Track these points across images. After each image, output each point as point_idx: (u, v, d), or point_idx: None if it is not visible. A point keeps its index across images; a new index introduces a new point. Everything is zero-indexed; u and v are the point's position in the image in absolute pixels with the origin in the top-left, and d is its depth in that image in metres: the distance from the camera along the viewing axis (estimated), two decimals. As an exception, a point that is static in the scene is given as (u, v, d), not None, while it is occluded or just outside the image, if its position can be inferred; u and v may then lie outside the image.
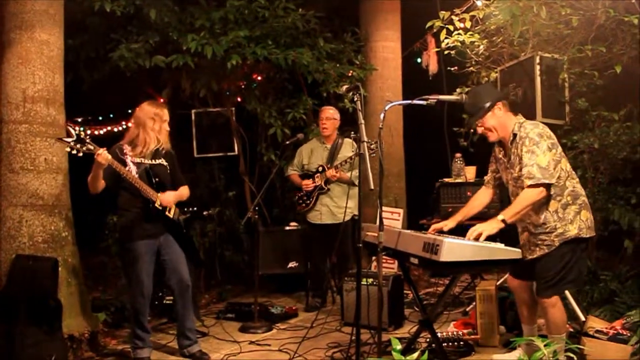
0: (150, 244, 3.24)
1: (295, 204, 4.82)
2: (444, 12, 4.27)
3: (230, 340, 3.79)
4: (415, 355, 1.78)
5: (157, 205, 3.22)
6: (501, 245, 2.52)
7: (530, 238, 2.90)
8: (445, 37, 4.34)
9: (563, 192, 2.81)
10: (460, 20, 4.26)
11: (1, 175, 3.47)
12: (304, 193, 4.70)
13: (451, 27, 4.30)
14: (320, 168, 4.63)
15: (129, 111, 3.36)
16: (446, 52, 4.45)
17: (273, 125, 5.38)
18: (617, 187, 3.79)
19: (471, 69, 4.51)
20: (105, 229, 4.68)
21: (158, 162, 3.34)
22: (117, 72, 4.84)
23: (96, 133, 6.96)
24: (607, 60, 3.74)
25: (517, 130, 2.86)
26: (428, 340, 3.35)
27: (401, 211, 5.53)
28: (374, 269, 4.96)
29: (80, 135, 2.92)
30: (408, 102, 2.86)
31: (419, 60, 5.69)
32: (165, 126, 3.33)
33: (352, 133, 4.38)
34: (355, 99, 2.73)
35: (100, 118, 7.31)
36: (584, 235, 2.80)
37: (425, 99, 2.79)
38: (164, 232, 3.30)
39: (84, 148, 2.92)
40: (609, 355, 2.93)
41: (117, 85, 5.31)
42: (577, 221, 2.80)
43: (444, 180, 4.67)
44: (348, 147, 4.63)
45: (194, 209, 3.52)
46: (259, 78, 5.62)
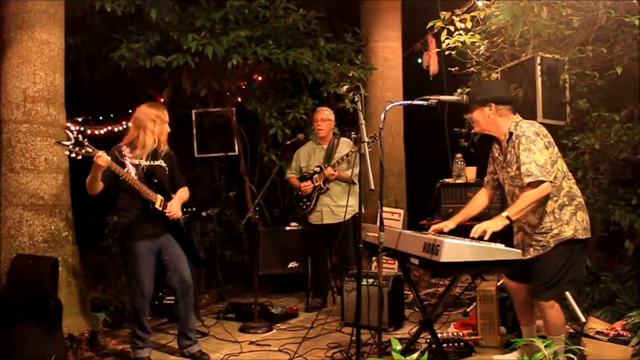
0: (150, 244, 3.24)
1: (296, 207, 4.81)
2: (444, 13, 4.27)
3: (230, 341, 3.79)
4: (415, 355, 1.78)
5: (157, 206, 3.23)
6: (501, 246, 2.52)
7: (525, 238, 2.90)
8: (446, 38, 4.34)
9: (559, 193, 2.81)
10: (461, 21, 4.26)
11: (1, 175, 3.47)
12: (303, 195, 4.70)
13: (452, 28, 4.29)
14: (318, 168, 4.63)
15: (130, 111, 3.35)
16: (447, 53, 4.44)
17: (273, 125, 5.37)
18: (617, 188, 3.79)
19: (472, 69, 4.50)
20: (106, 228, 4.68)
21: (157, 163, 3.34)
22: (117, 72, 4.83)
23: (96, 133, 6.95)
24: (608, 61, 3.74)
25: (513, 129, 2.87)
26: (428, 340, 3.35)
27: (401, 211, 5.53)
28: (374, 269, 4.95)
29: (78, 138, 2.91)
30: (409, 102, 2.86)
31: (419, 60, 5.70)
32: (166, 128, 3.33)
33: (352, 133, 4.42)
34: (356, 99, 2.73)
35: (101, 118, 7.29)
36: (579, 237, 2.80)
37: (426, 99, 2.80)
38: (164, 232, 3.30)
39: (83, 151, 2.92)
40: (609, 356, 2.92)
41: (117, 85, 5.30)
42: (573, 222, 2.79)
43: (445, 181, 4.66)
44: (344, 146, 4.63)
45: (193, 209, 3.51)
46: (259, 78, 5.61)
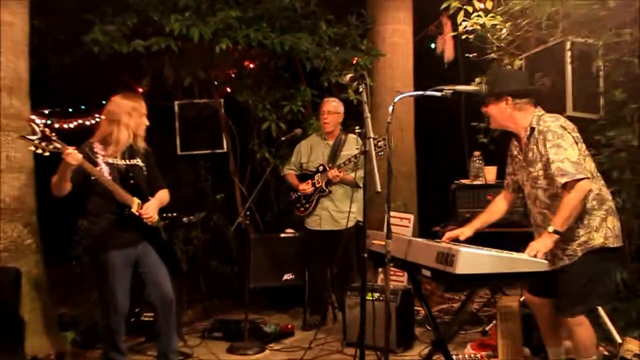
0: (125, 254, 3.22)
1: (293, 207, 4.80)
2: (461, -9, 4.27)
3: (217, 363, 3.78)
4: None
5: (133, 210, 3.21)
6: (525, 256, 2.51)
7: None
8: (463, 20, 4.34)
9: (588, 195, 2.79)
10: (480, 1, 4.25)
11: (-44, 174, 3.46)
12: (302, 195, 4.68)
13: (470, 8, 4.29)
14: (321, 167, 4.62)
15: (103, 102, 3.34)
16: (464, 37, 4.44)
17: (267, 119, 5.37)
18: (659, 191, 3.77)
19: (492, 55, 4.50)
20: (76, 234, 4.67)
21: (133, 162, 3.33)
22: (90, 57, 4.82)
23: (65, 126, 6.94)
24: (648, 46, 3.73)
25: (535, 123, 2.86)
26: (442, 364, 3.32)
27: (411, 217, 5.52)
28: (380, 282, 4.94)
29: (44, 132, 2.90)
30: (420, 93, 2.86)
31: (433, 45, 5.69)
32: (144, 121, 3.31)
33: (356, 128, 4.41)
34: (361, 89, 2.73)
35: (70, 110, 7.28)
36: (610, 245, 2.79)
37: (440, 89, 2.79)
38: (141, 240, 3.29)
39: (51, 147, 2.90)
40: (648, 382, 2.92)
41: (89, 73, 5.28)
42: (603, 229, 2.78)
43: (461, 182, 4.66)
44: (352, 144, 4.62)
45: (174, 214, 3.50)
46: (251, 65, 5.61)
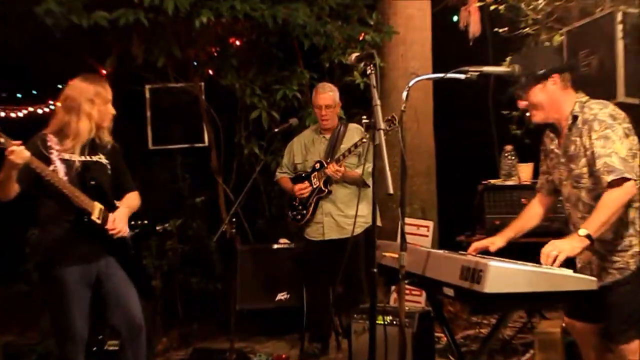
0: (84, 270, 3.19)
1: (289, 219, 4.77)
2: (490, -47, 4.26)
3: (196, 401, 3.78)
4: None
5: (94, 218, 3.19)
6: (569, 272, 2.49)
7: (595, 259, 2.88)
8: (492, -13, 4.32)
9: (634, 199, 2.78)
10: (512, -37, 4.24)
11: None
12: (297, 202, 4.65)
13: (500, -27, 4.27)
14: (318, 165, 4.58)
15: (59, 87, 3.32)
16: (492, 8, 4.42)
17: (257, 106, 5.37)
18: None
19: (527, 30, 4.49)
20: (26, 247, 4.66)
21: (95, 159, 3.31)
22: (42, 33, 4.80)
23: (13, 115, 6.92)
24: None
25: (579, 111, 2.84)
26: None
27: (431, 224, 5.50)
28: (393, 302, 4.92)
29: None
30: (440, 75, 2.84)
31: (455, 18, 5.66)
32: (108, 110, 3.30)
33: (363, 118, 4.38)
34: (369, 71, 2.70)
35: (19, 95, 7.28)
36: (670, 256, 2.79)
37: (464, 71, 2.77)
38: (103, 254, 3.27)
39: None
40: None
41: (42, 52, 5.27)
42: None
43: (490, 182, 4.66)
44: (353, 135, 4.58)
45: (145, 222, 3.48)
46: (237, 43, 5.60)
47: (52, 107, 6.36)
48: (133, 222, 3.43)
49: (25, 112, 6.99)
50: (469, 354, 3.97)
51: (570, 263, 2.75)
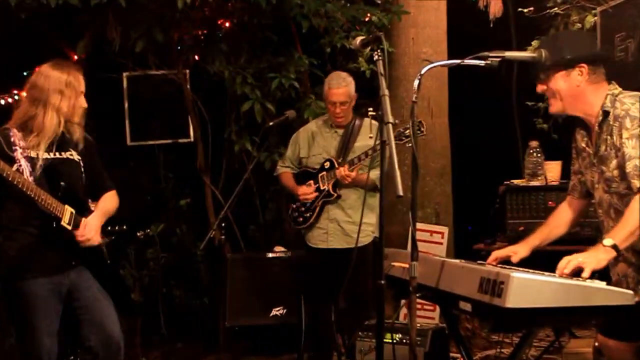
0: (53, 282, 3.19)
1: (289, 221, 4.76)
2: None
3: None
4: None
5: (63, 223, 3.19)
6: (602, 284, 2.49)
7: (630, 272, 2.87)
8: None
9: None
10: None
11: None
12: (300, 203, 4.65)
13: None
14: (327, 164, 4.57)
15: (25, 74, 3.32)
16: (516, -15, 4.42)
17: (249, 97, 5.35)
18: None
19: (555, 10, 4.49)
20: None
21: (66, 155, 3.31)
22: (4, 13, 4.80)
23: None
24: None
25: (610, 105, 2.83)
26: None
27: (446, 230, 5.51)
28: (403, 318, 4.93)
29: None
30: (457, 62, 2.83)
31: (474, -3, 5.67)
32: (81, 101, 3.29)
33: (369, 110, 4.37)
34: (376, 57, 2.69)
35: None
36: None
37: (484, 57, 2.77)
38: (75, 264, 3.27)
39: None
40: None
41: (4, 34, 5.27)
42: None
43: (513, 183, 4.66)
44: (370, 132, 4.56)
45: (123, 227, 3.48)
46: (227, 25, 5.59)
47: (17, 97, 6.36)
48: (109, 228, 3.44)
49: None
50: (489, 377, 3.98)
51: (605, 276, 2.76)
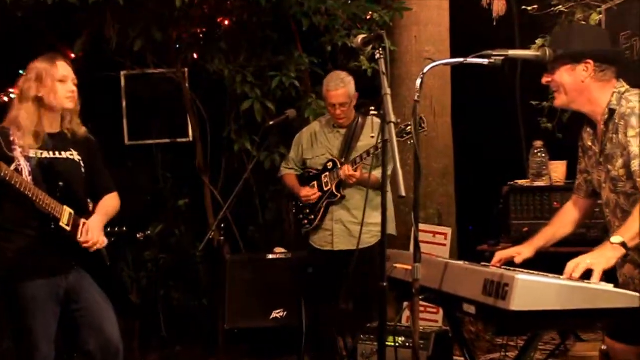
0: (51, 285, 3.19)
1: (293, 222, 4.75)
2: None
3: None
4: None
5: (62, 224, 3.19)
6: (609, 286, 2.49)
7: (638, 274, 2.86)
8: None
9: None
10: None
11: None
12: (303, 205, 4.65)
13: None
14: (330, 164, 4.57)
15: (21, 72, 3.32)
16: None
17: (249, 96, 5.35)
18: None
19: (560, 8, 4.49)
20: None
21: (66, 155, 3.31)
22: (1, 12, 4.81)
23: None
24: None
25: (616, 103, 2.82)
26: None
27: (449, 231, 5.52)
28: (406, 321, 4.93)
29: None
30: (460, 60, 2.83)
31: (477, -5, 5.67)
32: (62, 87, 3.24)
33: (371, 109, 4.37)
34: (377, 55, 2.70)
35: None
36: None
37: (487, 55, 2.77)
38: (74, 266, 3.27)
39: None
40: None
41: (1, 34, 5.26)
42: None
43: (517, 183, 4.65)
44: (373, 130, 4.56)
45: (123, 228, 3.48)
46: (226, 23, 5.59)
47: (13, 96, 6.37)
48: (109, 229, 3.43)
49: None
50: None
51: (611, 277, 2.76)
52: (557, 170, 4.66)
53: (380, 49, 2.70)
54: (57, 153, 3.29)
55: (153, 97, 5.71)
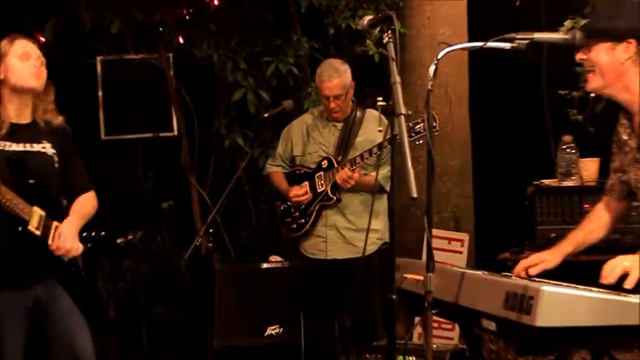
0: (17, 297, 3.21)
1: (281, 226, 4.77)
2: None
3: None
4: None
5: (31, 228, 3.19)
6: (645, 299, 2.50)
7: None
8: None
9: None
10: None
11: None
12: (294, 206, 4.65)
13: None
14: (325, 163, 4.57)
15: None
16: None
17: (241, 84, 5.35)
18: None
19: (592, -16, 4.48)
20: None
21: (37, 148, 3.32)
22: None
23: None
24: None
25: None
26: None
27: (466, 237, 5.52)
28: (417, 338, 4.94)
29: None
30: (479, 45, 2.85)
31: (498, -30, 5.68)
32: (31, 64, 3.25)
33: (379, 100, 4.37)
34: (386, 39, 2.70)
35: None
36: None
37: (510, 39, 2.78)
38: (44, 276, 3.28)
39: None
40: None
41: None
42: None
43: (543, 183, 4.66)
44: (372, 125, 4.57)
45: (101, 233, 3.48)
46: (215, 2, 5.60)
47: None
48: (85, 234, 3.43)
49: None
50: (516, 405, 3.98)
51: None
52: (589, 169, 4.66)
53: (389, 32, 2.70)
54: (27, 146, 3.29)
55: (133, 85, 5.72)
